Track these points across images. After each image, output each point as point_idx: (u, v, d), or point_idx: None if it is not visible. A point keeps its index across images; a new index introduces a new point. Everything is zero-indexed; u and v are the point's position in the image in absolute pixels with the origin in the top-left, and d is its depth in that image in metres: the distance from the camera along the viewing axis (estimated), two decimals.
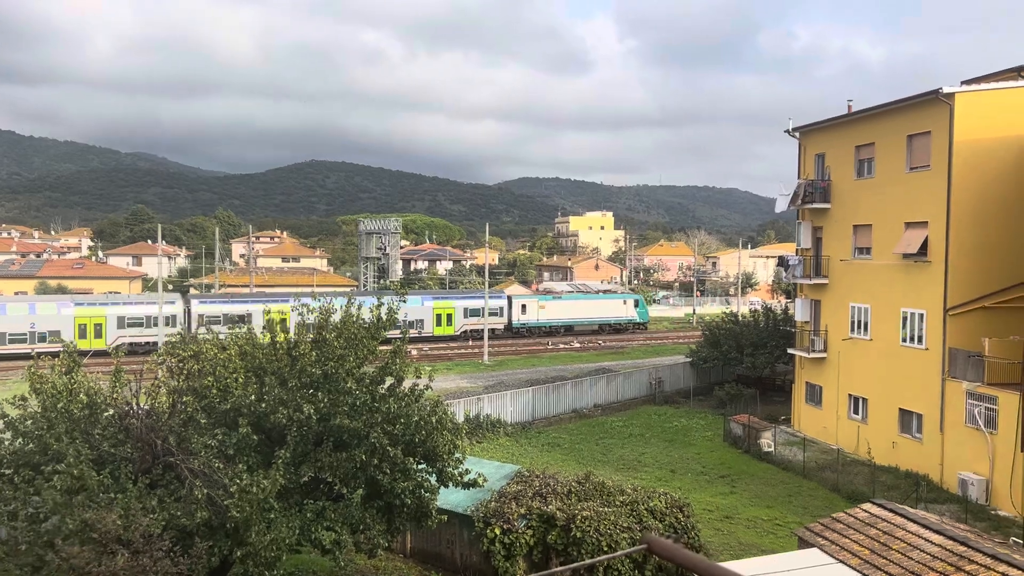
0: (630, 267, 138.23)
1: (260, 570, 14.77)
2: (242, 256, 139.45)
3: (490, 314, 70.50)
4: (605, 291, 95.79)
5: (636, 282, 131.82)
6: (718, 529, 25.83)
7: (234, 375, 16.65)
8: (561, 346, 71.14)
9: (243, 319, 59.67)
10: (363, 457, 16.22)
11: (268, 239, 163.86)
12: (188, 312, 61.98)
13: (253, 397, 16.23)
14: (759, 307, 54.35)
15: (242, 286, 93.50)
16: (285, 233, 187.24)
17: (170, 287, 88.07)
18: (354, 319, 18.15)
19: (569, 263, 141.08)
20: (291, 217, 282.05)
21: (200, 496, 14.55)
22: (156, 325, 58.61)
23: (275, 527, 14.87)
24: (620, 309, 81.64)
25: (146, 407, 16.66)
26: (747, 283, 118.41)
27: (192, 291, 71.04)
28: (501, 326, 75.07)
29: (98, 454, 15.53)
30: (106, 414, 16.27)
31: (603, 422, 42.27)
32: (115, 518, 13.58)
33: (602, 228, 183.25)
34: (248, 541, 14.59)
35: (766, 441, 35.94)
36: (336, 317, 18.28)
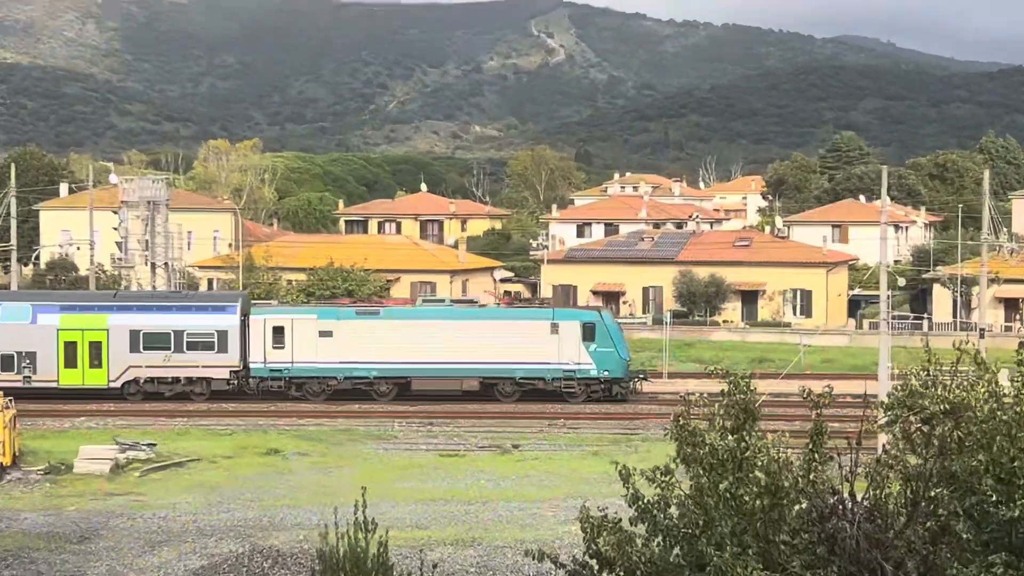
0: None
1: None
2: None
3: (189, 344, 38.09)
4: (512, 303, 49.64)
5: None
6: None
7: None
8: None
9: None
10: None
11: None
12: None
13: None
14: None
15: None
16: None
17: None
18: None
19: None
20: None
21: None
22: None
23: None
24: (536, 344, 37.37)
25: (866, 501, 9.95)
26: None
27: None
28: (222, 369, 38.13)
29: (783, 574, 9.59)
30: (796, 507, 10.02)
31: None
32: None
33: None
34: None
35: None
36: None
